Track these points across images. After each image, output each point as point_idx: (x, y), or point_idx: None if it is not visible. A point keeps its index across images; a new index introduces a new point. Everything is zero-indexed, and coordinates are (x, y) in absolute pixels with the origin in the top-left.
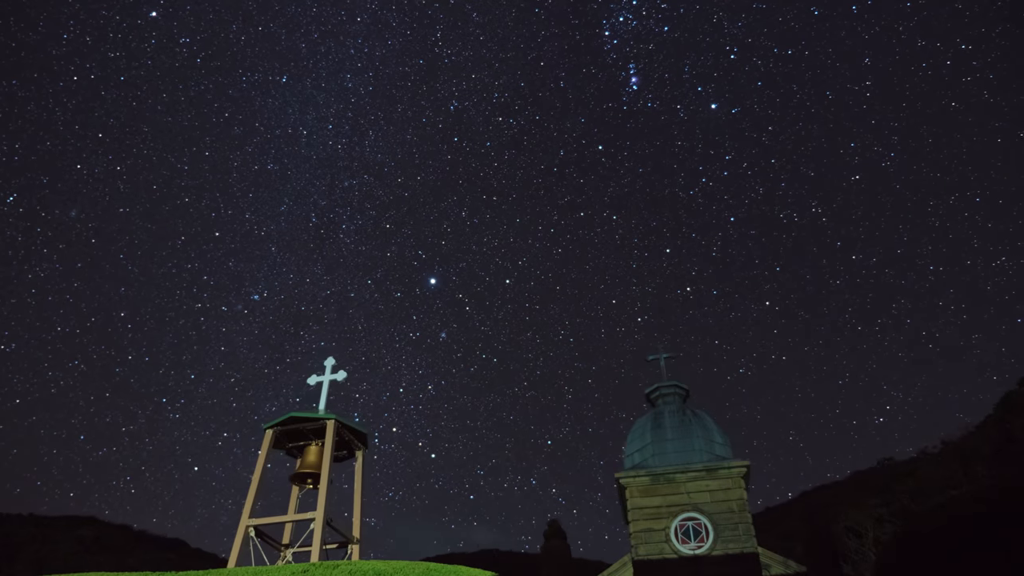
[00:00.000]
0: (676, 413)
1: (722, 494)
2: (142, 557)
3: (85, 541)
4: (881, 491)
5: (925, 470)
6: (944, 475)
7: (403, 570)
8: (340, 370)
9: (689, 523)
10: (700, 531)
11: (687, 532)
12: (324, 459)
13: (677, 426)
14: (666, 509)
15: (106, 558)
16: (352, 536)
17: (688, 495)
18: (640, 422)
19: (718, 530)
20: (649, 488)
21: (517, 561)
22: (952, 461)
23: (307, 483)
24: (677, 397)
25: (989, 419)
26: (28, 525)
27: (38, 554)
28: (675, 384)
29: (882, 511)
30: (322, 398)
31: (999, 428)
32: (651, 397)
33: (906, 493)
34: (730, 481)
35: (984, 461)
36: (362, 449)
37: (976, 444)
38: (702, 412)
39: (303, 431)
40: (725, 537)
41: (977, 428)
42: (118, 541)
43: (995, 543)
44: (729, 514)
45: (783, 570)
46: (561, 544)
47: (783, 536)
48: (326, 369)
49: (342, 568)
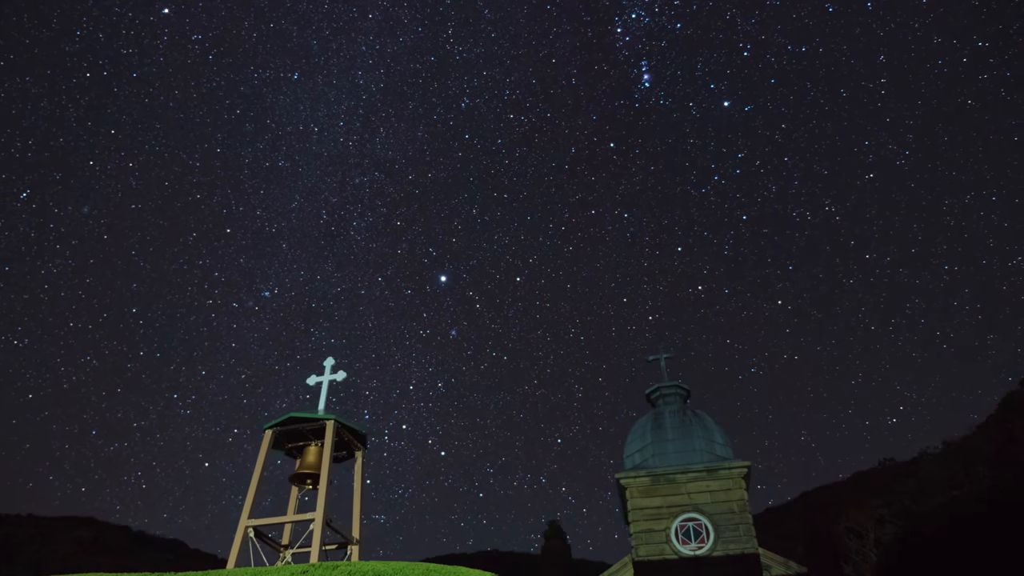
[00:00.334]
0: (677, 413)
1: (723, 495)
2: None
3: (84, 542)
4: (882, 491)
5: (926, 470)
6: (946, 475)
7: (403, 571)
8: (340, 370)
9: (690, 524)
10: (701, 532)
11: (688, 533)
12: (324, 459)
13: (678, 426)
14: (666, 510)
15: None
16: (352, 537)
17: (688, 496)
18: (640, 422)
19: (719, 531)
20: (649, 488)
21: (517, 561)
22: (954, 461)
23: (307, 484)
24: (678, 397)
25: (991, 419)
26: (27, 525)
27: (37, 555)
28: (676, 384)
29: (883, 512)
30: (321, 398)
31: (1001, 428)
32: (651, 397)
33: (907, 493)
34: (731, 482)
35: (986, 461)
36: (362, 450)
37: (978, 444)
38: (702, 412)
39: (303, 431)
40: (726, 538)
41: (979, 428)
42: (117, 542)
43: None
44: (730, 515)
45: (784, 571)
46: (561, 544)
47: (784, 537)
48: (325, 369)
49: (341, 569)
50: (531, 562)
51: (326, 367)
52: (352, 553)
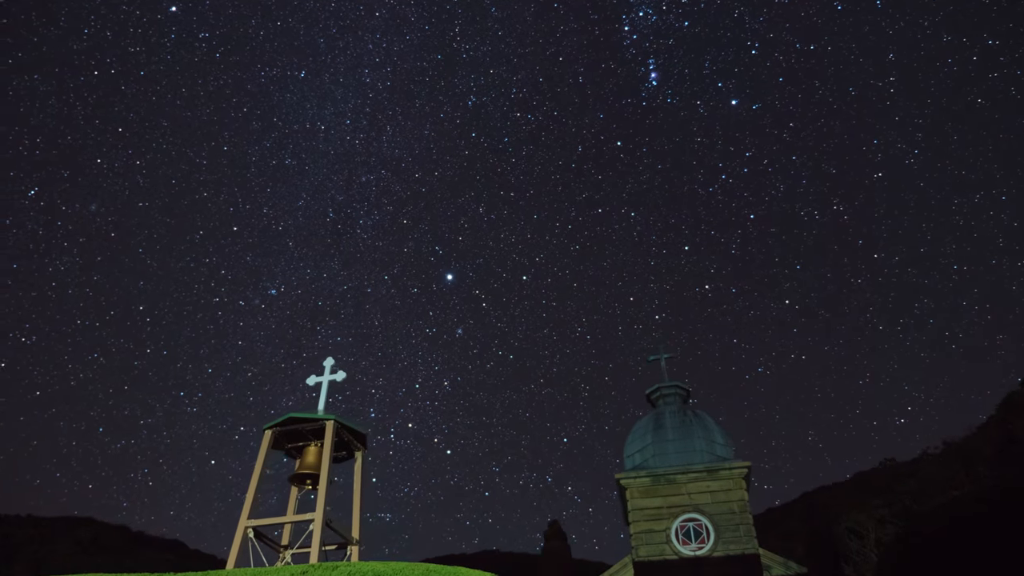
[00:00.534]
0: (677, 414)
1: (723, 495)
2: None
3: (83, 542)
4: (883, 491)
5: (927, 470)
6: (946, 476)
7: (402, 571)
8: (339, 370)
9: (690, 524)
10: (701, 532)
11: (688, 533)
12: (323, 460)
13: (678, 427)
14: (667, 510)
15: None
16: (352, 537)
17: (689, 496)
18: (641, 423)
19: (719, 531)
20: (650, 489)
21: (517, 561)
22: (954, 462)
23: (306, 484)
24: (678, 398)
25: (991, 419)
26: (26, 526)
27: (36, 555)
28: (676, 384)
29: (884, 512)
30: (321, 398)
31: (1001, 428)
32: (652, 397)
33: (908, 494)
34: (731, 482)
35: (986, 462)
36: (361, 450)
37: (978, 444)
38: (703, 412)
39: (302, 432)
40: (726, 538)
41: (979, 428)
42: (116, 542)
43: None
44: (730, 515)
45: (784, 571)
46: (561, 545)
47: (784, 537)
48: (325, 369)
49: (341, 569)
50: (531, 562)
51: (326, 367)
52: (352, 553)
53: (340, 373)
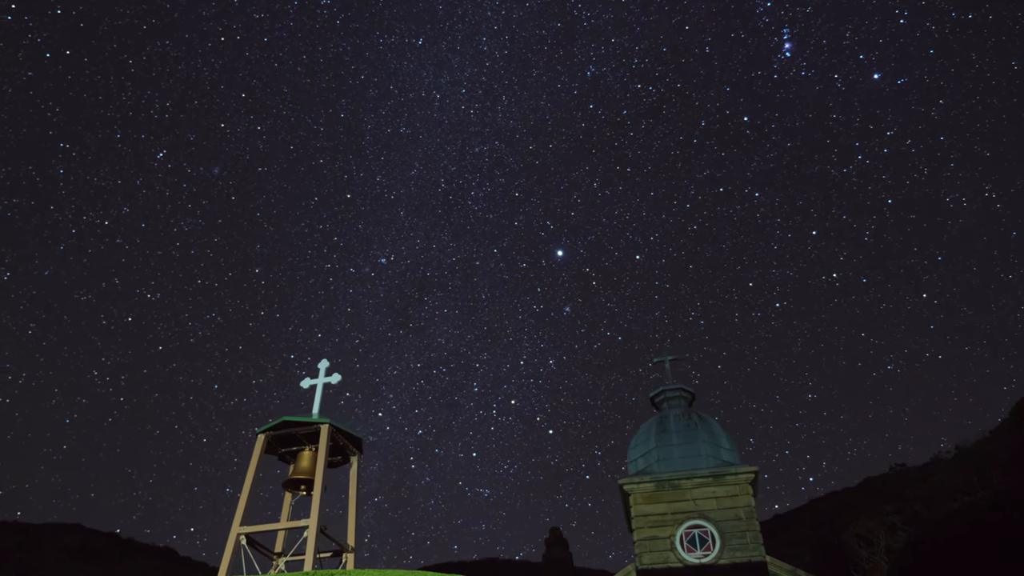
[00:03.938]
0: (681, 417)
1: (729, 501)
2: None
3: (70, 549)
4: (893, 498)
5: (939, 476)
6: (958, 481)
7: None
8: (335, 372)
9: (695, 531)
10: (706, 539)
11: (693, 540)
12: (318, 465)
13: (682, 431)
14: (671, 516)
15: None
16: (347, 544)
17: (694, 502)
18: (644, 426)
19: (725, 538)
20: (653, 495)
21: (518, 569)
22: (967, 467)
23: (300, 489)
24: (682, 401)
25: (1005, 424)
26: (12, 532)
27: (22, 562)
28: (680, 387)
29: (894, 518)
30: (316, 401)
31: (1016, 433)
32: (656, 401)
33: (919, 500)
34: (737, 487)
35: (999, 467)
36: (357, 454)
37: (991, 449)
38: (707, 416)
39: (296, 436)
40: (732, 545)
41: (992, 433)
42: (105, 549)
43: (1010, 550)
44: (736, 521)
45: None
46: (562, 552)
47: (792, 544)
48: (320, 372)
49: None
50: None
51: (320, 369)
52: (347, 561)
53: (335, 375)
